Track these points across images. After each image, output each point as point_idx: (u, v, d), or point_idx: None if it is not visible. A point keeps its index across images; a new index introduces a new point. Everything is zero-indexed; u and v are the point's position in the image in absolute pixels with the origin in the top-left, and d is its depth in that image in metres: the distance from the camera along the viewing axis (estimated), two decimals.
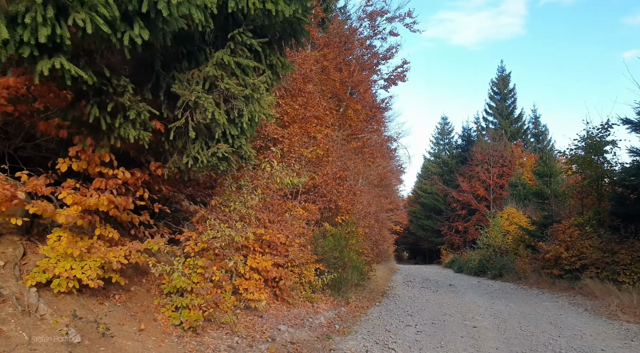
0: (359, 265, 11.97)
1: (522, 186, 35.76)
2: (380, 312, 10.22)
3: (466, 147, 45.85)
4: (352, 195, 12.78)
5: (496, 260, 23.27)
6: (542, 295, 14.30)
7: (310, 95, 12.57)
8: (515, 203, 31.08)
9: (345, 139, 19.86)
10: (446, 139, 50.41)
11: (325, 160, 12.72)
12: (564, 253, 16.07)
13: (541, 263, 17.78)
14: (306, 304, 9.39)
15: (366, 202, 19.76)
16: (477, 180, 41.37)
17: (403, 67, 22.08)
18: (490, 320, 9.50)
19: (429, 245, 49.61)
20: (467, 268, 26.64)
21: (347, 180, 13.03)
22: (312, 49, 18.01)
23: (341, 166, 12.97)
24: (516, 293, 15.05)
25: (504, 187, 38.88)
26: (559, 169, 24.82)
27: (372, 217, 19.92)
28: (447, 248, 42.80)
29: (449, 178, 45.87)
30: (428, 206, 48.35)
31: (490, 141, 42.70)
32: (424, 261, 56.97)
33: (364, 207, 18.59)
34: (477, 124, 46.90)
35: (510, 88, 44.88)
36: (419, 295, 13.82)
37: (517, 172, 37.90)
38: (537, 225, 22.04)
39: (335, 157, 13.36)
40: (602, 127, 15.67)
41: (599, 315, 10.14)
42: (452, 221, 43.67)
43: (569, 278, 15.63)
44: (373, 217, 20.44)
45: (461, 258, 32.36)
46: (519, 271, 19.61)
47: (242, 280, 7.12)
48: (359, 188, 16.56)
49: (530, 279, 17.73)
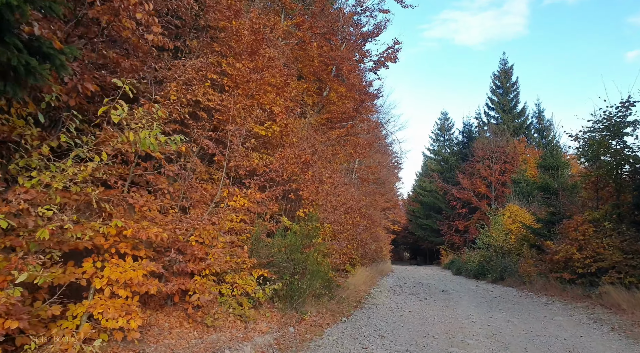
0: (323, 270, 9.36)
1: (525, 183, 33.27)
2: (342, 333, 7.60)
3: (467, 143, 43.12)
4: (318, 184, 10.21)
5: (497, 261, 20.59)
6: (551, 305, 11.62)
7: (270, 61, 10.01)
8: (519, 200, 28.61)
9: (325, 124, 17.27)
10: (446, 135, 47.63)
11: (287, 141, 10.15)
12: (576, 254, 13.41)
13: (549, 266, 15.10)
14: (236, 325, 6.81)
15: (349, 195, 17.17)
16: (478, 177, 38.71)
17: (394, 48, 19.45)
18: (487, 346, 6.87)
19: (429, 245, 46.88)
20: (466, 271, 23.98)
21: (314, 166, 10.45)
22: (284, 18, 15.46)
23: (309, 150, 10.39)
24: (520, 302, 12.39)
25: (507, 184, 36.27)
26: (566, 161, 22.16)
27: (357, 213, 17.31)
28: (447, 249, 40.12)
29: (449, 175, 43.15)
30: (427, 205, 45.59)
31: (491, 136, 40.01)
32: (424, 262, 54.21)
33: (345, 200, 16.01)
34: (479, 119, 44.14)
35: (512, 81, 42.12)
36: (402, 306, 11.20)
37: (520, 169, 35.26)
38: (543, 222, 19.36)
39: (301, 138, 10.80)
40: (623, 105, 12.94)
41: (634, 337, 7.46)
42: (452, 220, 40.98)
43: (583, 283, 12.97)
44: (359, 213, 17.84)
45: (460, 259, 29.72)
46: (523, 274, 16.93)
47: (98, 299, 4.55)
48: (333, 177, 13.96)
49: (536, 284, 15.05)
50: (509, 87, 41.99)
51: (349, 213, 16.15)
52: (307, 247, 9.22)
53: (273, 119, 9.54)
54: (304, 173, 9.89)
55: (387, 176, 39.16)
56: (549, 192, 19.81)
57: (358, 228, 17.15)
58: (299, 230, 9.39)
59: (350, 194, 17.82)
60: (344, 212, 15.44)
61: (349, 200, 16.80)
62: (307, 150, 10.48)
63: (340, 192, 15.56)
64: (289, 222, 9.32)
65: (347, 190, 17.81)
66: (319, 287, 9.22)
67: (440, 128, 47.53)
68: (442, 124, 47.58)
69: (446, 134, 47.44)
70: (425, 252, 53.77)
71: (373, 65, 19.82)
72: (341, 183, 17.32)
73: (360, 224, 17.31)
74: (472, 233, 37.35)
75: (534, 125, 42.10)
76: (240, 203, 7.87)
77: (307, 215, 9.69)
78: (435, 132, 47.85)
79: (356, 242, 16.95)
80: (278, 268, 8.39)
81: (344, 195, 15.96)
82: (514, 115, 41.50)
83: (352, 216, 16.63)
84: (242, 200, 7.90)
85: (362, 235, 18.44)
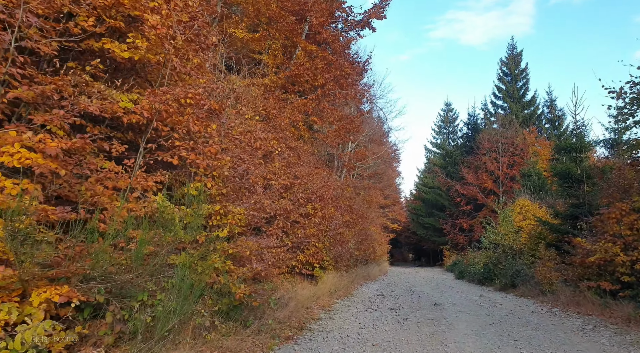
0: (225, 283, 5.46)
1: (537, 176, 29.16)
2: None
3: (472, 136, 38.96)
4: (223, 142, 6.33)
5: (507, 264, 16.46)
6: (594, 332, 7.51)
7: None
8: (529, 195, 24.58)
9: (289, 89, 13.37)
10: (450, 127, 43.33)
11: (178, 76, 6.30)
12: (620, 255, 9.37)
13: (577, 271, 11.01)
14: None
15: (321, 181, 13.26)
16: (484, 171, 34.61)
17: (382, 3, 15.55)
18: None
19: (431, 245, 42.69)
20: (469, 274, 19.86)
21: (221, 118, 6.56)
22: None
23: (217, 96, 6.51)
24: (544, 325, 8.31)
25: (515, 178, 32.16)
26: (591, 143, 18.01)
27: (330, 204, 13.40)
28: (451, 249, 35.96)
29: (453, 170, 38.98)
30: (430, 202, 41.36)
31: (499, 127, 35.83)
32: (428, 263, 49.85)
33: (313, 187, 12.14)
34: (485, 110, 39.89)
35: (522, 68, 37.85)
36: (368, 333, 7.22)
37: (531, 161, 31.06)
38: (563, 217, 15.33)
39: (201, 73, 6.90)
40: None
41: None
42: (455, 218, 36.86)
43: (632, 297, 8.95)
44: (333, 204, 13.92)
45: (464, 261, 25.62)
46: (542, 281, 12.84)
47: None
48: (287, 154, 10.10)
49: (561, 295, 10.95)
50: (517, 74, 37.74)
51: (318, 203, 12.28)
52: (192, 244, 5.33)
53: (141, 32, 5.66)
54: (194, 124, 5.98)
55: (385, 170, 35.14)
56: (569, 180, 15.70)
57: (331, 223, 13.23)
58: (185, 216, 5.50)
59: (323, 181, 13.93)
60: (306, 199, 11.58)
61: (321, 188, 12.93)
62: (219, 95, 6.60)
63: (300, 174, 11.68)
64: (164, 202, 5.43)
65: (318, 175, 13.94)
66: (209, 312, 5.31)
67: (444, 120, 43.30)
68: (445, 116, 43.35)
69: (450, 126, 43.21)
70: (428, 253, 49.51)
71: (356, 23, 15.88)
72: (309, 165, 13.48)
73: (334, 217, 13.38)
74: (478, 232, 33.22)
75: (545, 115, 37.81)
76: (18, 157, 4.01)
77: (199, 191, 5.80)
78: (439, 124, 43.66)
79: (328, 240, 13.04)
80: (121, 285, 4.52)
81: (307, 179, 12.08)
82: (523, 105, 37.27)
83: (325, 207, 12.78)
84: (22, 153, 4.03)
85: (340, 231, 14.51)
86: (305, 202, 11.35)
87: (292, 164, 11.01)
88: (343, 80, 15.26)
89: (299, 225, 11.09)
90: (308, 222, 11.73)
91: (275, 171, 10.15)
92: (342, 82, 14.19)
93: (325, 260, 12.62)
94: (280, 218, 10.05)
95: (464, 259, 27.10)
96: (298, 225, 11.43)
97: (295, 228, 10.96)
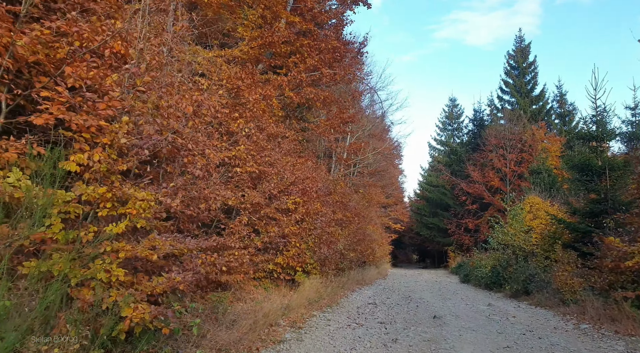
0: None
1: (547, 172, 27.17)
2: None
3: (478, 132, 36.84)
4: (125, 97, 4.46)
5: (519, 267, 14.43)
6: None
7: None
8: (539, 193, 22.66)
9: (257, 58, 11.49)
10: (455, 124, 41.18)
11: None
12: None
13: (608, 277, 9.01)
14: None
15: (303, 171, 11.39)
16: (490, 168, 32.54)
17: None
18: None
19: (436, 246, 40.56)
20: (476, 278, 17.82)
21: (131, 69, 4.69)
22: None
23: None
24: (574, 350, 6.31)
25: (523, 176, 30.12)
26: (613, 130, 15.99)
27: (314, 198, 11.49)
28: (456, 250, 33.85)
29: (458, 168, 36.91)
30: (434, 201, 39.25)
31: (506, 123, 33.75)
32: (433, 264, 47.66)
33: (277, 171, 10.24)
34: (491, 106, 37.76)
35: (530, 61, 35.70)
36: None
37: (540, 157, 29.02)
38: (582, 214, 13.35)
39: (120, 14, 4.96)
40: None
41: None
42: (460, 218, 34.77)
43: None
44: (319, 198, 12.00)
45: (469, 263, 23.60)
46: (561, 288, 10.82)
47: None
48: (256, 136, 8.23)
49: (588, 307, 8.90)
50: (525, 68, 35.60)
51: (300, 197, 10.41)
52: None
53: None
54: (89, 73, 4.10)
55: (387, 167, 33.14)
56: (588, 173, 13.69)
57: (316, 221, 11.33)
58: (50, 200, 3.65)
59: (308, 172, 12.06)
60: (281, 191, 9.72)
61: (305, 180, 11.08)
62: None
63: (277, 162, 9.81)
64: (19, 180, 3.56)
65: (302, 165, 12.09)
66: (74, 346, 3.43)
67: (448, 116, 41.17)
68: (450, 112, 41.22)
69: (455, 122, 41.07)
70: (433, 254, 47.35)
71: None
72: (291, 154, 11.63)
73: (320, 213, 11.50)
74: (484, 232, 31.19)
75: (555, 109, 35.65)
76: None
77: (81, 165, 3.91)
78: (443, 120, 41.53)
79: (313, 240, 11.14)
80: None
81: (285, 168, 10.19)
82: (531, 99, 35.14)
83: (309, 202, 10.92)
84: None
85: (330, 230, 12.62)
86: (279, 194, 9.46)
87: (263, 149, 9.10)
88: (334, 60, 13.36)
89: (276, 222, 9.21)
90: (287, 219, 9.83)
91: (240, 156, 8.26)
92: (328, 59, 12.27)
93: (309, 263, 10.71)
94: (245, 214, 8.16)
95: (469, 261, 25.08)
96: (275, 222, 9.53)
97: (270, 226, 9.06)
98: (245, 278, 7.77)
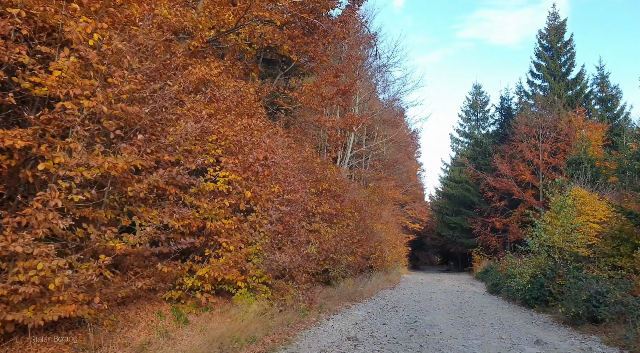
0: None
1: (589, 163, 22.79)
2: None
3: (505, 122, 32.40)
4: None
5: (572, 279, 10.14)
6: None
7: None
8: (582, 186, 18.55)
9: None
10: (479, 113, 36.59)
11: None
12: None
13: None
14: None
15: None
16: (520, 161, 28.23)
17: None
18: None
19: (459, 248, 36.16)
20: (508, 290, 13.59)
21: None
22: None
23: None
24: None
25: (559, 168, 25.64)
26: None
27: (269, 178, 7.78)
28: (481, 252, 29.52)
29: (483, 162, 32.56)
30: (456, 198, 34.86)
31: (538, 110, 29.27)
32: (457, 268, 43.00)
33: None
34: (520, 93, 33.12)
35: (565, 40, 31.00)
36: None
37: (580, 145, 24.50)
38: None
39: None
40: None
41: None
42: (486, 216, 30.44)
43: None
44: (286, 181, 8.26)
45: (498, 268, 19.37)
46: None
47: None
48: None
49: None
50: (560, 48, 30.91)
51: (240, 174, 6.70)
52: None
53: None
54: None
55: (402, 159, 29.07)
56: None
57: (269, 211, 7.56)
58: None
59: (257, 138, 8.30)
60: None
61: (251, 148, 7.33)
62: None
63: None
64: None
65: (261, 132, 8.35)
66: None
67: (472, 105, 36.65)
68: (474, 100, 36.71)
69: (479, 111, 36.52)
70: (456, 256, 42.81)
71: None
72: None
73: (275, 201, 7.72)
74: (514, 233, 26.83)
75: (595, 94, 30.82)
76: None
77: None
78: (466, 109, 37.01)
79: (262, 240, 7.39)
80: None
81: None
82: (567, 83, 30.47)
83: (261, 183, 7.17)
84: None
85: (299, 229, 8.86)
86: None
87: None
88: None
89: (167, 207, 5.52)
90: (210, 205, 6.12)
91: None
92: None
93: (255, 276, 6.93)
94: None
95: (497, 265, 20.85)
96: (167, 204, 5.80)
97: (151, 212, 5.36)
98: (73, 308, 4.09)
